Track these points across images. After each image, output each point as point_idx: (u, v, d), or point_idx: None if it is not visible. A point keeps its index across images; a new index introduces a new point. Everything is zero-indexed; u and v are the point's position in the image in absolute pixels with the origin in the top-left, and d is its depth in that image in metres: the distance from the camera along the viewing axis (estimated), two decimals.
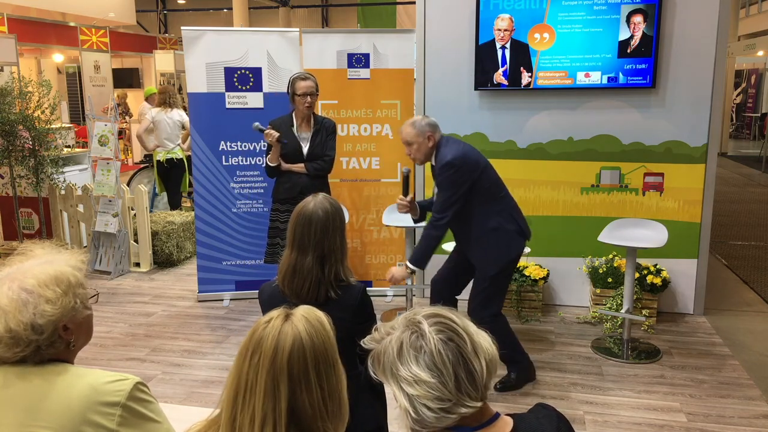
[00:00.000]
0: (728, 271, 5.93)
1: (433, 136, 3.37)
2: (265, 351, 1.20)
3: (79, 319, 1.46)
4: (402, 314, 1.29)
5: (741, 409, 3.38)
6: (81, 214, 6.09)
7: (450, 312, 1.26)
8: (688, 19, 4.40)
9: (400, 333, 1.23)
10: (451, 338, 1.20)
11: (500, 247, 3.42)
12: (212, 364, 3.98)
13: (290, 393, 1.18)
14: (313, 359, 1.21)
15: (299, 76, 4.07)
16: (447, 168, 3.30)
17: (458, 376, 1.18)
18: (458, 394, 1.18)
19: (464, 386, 1.18)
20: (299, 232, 2.05)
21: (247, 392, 1.19)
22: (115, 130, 5.73)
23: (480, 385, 1.20)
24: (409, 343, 1.21)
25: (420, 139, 3.35)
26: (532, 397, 3.52)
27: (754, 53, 15.26)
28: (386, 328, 1.27)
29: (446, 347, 1.19)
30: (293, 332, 1.21)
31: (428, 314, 1.25)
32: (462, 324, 1.24)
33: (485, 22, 4.53)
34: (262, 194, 5.02)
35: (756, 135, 18.30)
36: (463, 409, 1.18)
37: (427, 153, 3.40)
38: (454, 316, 1.25)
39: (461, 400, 1.18)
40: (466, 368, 1.19)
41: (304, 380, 1.19)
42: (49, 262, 1.45)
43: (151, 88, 9.23)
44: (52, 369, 1.41)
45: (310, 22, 23.22)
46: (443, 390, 1.17)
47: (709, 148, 4.52)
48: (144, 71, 13.89)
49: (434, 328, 1.21)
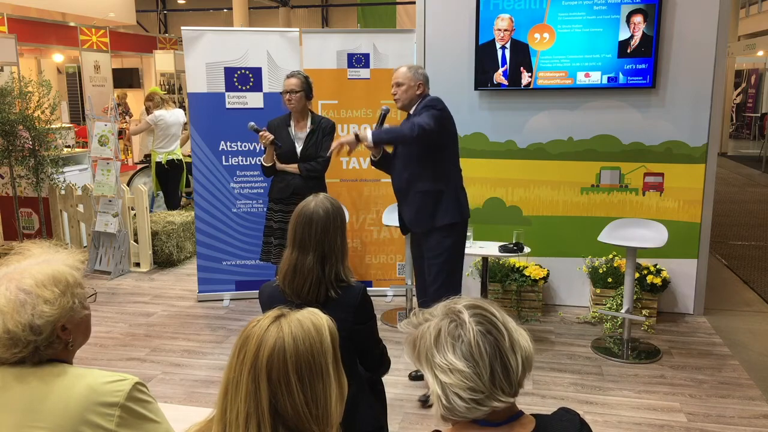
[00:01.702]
0: (728, 271, 5.93)
1: (423, 87, 3.46)
2: (249, 349, 1.19)
3: (78, 319, 1.45)
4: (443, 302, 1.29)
5: (741, 409, 3.38)
6: (81, 214, 6.09)
7: (491, 305, 1.26)
8: (688, 19, 4.40)
9: (439, 320, 1.23)
10: (490, 331, 1.21)
11: (459, 205, 3.47)
12: (212, 364, 3.97)
13: (270, 394, 1.16)
14: (294, 364, 1.17)
15: (287, 74, 4.09)
16: (433, 102, 3.36)
17: (494, 369, 1.18)
18: (492, 387, 1.18)
19: (498, 380, 1.19)
20: (300, 231, 2.04)
21: (234, 389, 1.19)
22: (115, 130, 5.72)
23: (514, 381, 1.21)
24: (447, 331, 1.21)
25: (411, 83, 3.42)
26: (531, 397, 3.52)
27: (754, 53, 15.26)
28: (425, 314, 1.27)
29: (484, 339, 1.19)
30: (277, 334, 1.19)
31: (469, 305, 1.25)
32: (502, 318, 1.24)
33: (485, 22, 4.53)
34: (262, 194, 5.01)
35: (756, 135, 18.30)
36: (495, 402, 1.18)
37: (412, 99, 3.44)
38: (495, 310, 1.25)
39: (494, 394, 1.18)
40: (502, 362, 1.19)
41: (284, 383, 1.17)
42: (46, 261, 1.45)
43: (155, 88, 9.21)
44: (51, 370, 1.40)
45: (310, 22, 23.21)
46: (477, 381, 1.17)
47: (709, 148, 4.52)
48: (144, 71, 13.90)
49: (474, 318, 1.21)
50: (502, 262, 4.71)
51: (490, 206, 4.83)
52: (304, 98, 4.05)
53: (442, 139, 3.37)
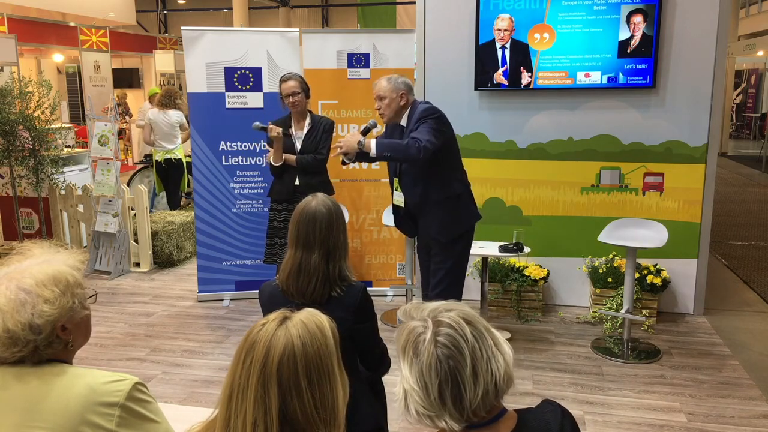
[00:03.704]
0: (728, 271, 5.93)
1: (407, 96, 3.34)
2: (257, 355, 1.18)
3: (78, 319, 1.45)
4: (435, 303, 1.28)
5: (741, 409, 3.38)
6: (81, 214, 6.09)
7: (476, 322, 1.22)
8: (688, 19, 4.40)
9: (414, 326, 1.23)
10: (451, 356, 1.18)
11: (460, 215, 3.41)
12: (212, 364, 3.97)
13: (280, 399, 1.16)
14: (304, 367, 1.18)
15: (282, 78, 4.10)
16: (428, 112, 3.23)
17: (443, 394, 1.17)
18: (440, 409, 1.18)
19: (447, 405, 1.18)
20: (303, 230, 2.04)
21: (240, 395, 1.18)
22: (115, 130, 5.73)
23: (467, 408, 1.18)
24: (412, 342, 1.21)
25: (393, 95, 3.31)
26: (531, 397, 3.52)
27: (754, 53, 15.26)
28: (414, 310, 1.27)
29: (439, 365, 1.17)
30: (286, 338, 1.19)
31: (447, 321, 1.21)
32: (471, 344, 1.19)
33: (485, 22, 4.53)
34: (262, 194, 5.01)
35: (756, 135, 18.30)
36: (443, 424, 1.18)
37: (397, 111, 3.35)
38: (468, 332, 1.20)
39: (442, 415, 1.18)
40: (455, 389, 1.17)
41: (294, 387, 1.17)
42: (47, 261, 1.45)
43: (154, 88, 9.22)
44: (50, 369, 1.40)
45: (310, 22, 23.22)
46: (426, 400, 1.18)
47: (709, 148, 4.52)
48: (144, 71, 13.89)
49: (441, 338, 1.19)
50: (502, 262, 4.71)
51: (490, 206, 4.83)
52: (304, 98, 4.08)
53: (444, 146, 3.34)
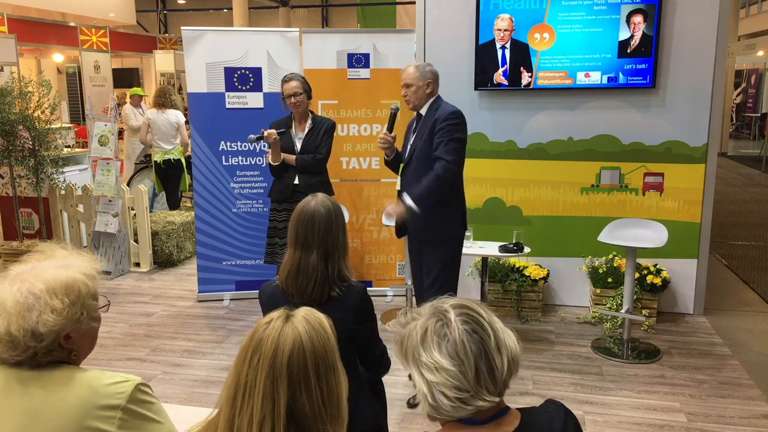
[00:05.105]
0: (728, 271, 5.93)
1: (433, 85, 3.39)
2: (265, 352, 1.19)
3: (83, 329, 1.43)
4: (430, 302, 1.30)
5: (741, 409, 3.38)
6: (81, 214, 6.09)
7: (478, 305, 1.27)
8: (688, 19, 4.40)
9: (426, 320, 1.24)
10: (476, 330, 1.22)
11: (464, 213, 3.45)
12: (212, 364, 3.98)
13: (289, 395, 1.17)
14: (313, 361, 1.20)
15: (284, 78, 4.10)
16: (453, 116, 3.28)
17: (479, 369, 1.19)
18: (477, 386, 1.19)
19: (483, 379, 1.20)
20: (302, 230, 2.04)
21: (246, 393, 1.19)
22: (115, 130, 5.72)
23: (499, 380, 1.22)
24: (433, 330, 1.22)
25: (420, 83, 3.35)
26: (531, 397, 3.52)
27: (754, 53, 15.27)
28: (412, 313, 1.28)
29: (470, 338, 1.20)
30: (293, 334, 1.21)
31: (456, 304, 1.26)
32: (488, 318, 1.25)
33: (485, 22, 4.53)
34: (262, 194, 5.01)
35: (756, 135, 18.30)
36: (480, 402, 1.19)
37: (422, 99, 3.38)
38: (481, 310, 1.26)
39: (479, 393, 1.19)
40: (487, 362, 1.20)
41: (303, 382, 1.18)
42: (64, 266, 1.42)
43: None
44: (53, 372, 1.39)
45: (310, 22, 23.22)
46: (462, 380, 1.18)
47: (709, 148, 4.52)
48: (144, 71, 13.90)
49: (460, 318, 1.23)
50: (502, 262, 4.71)
51: (490, 206, 4.84)
52: (306, 99, 4.08)
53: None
